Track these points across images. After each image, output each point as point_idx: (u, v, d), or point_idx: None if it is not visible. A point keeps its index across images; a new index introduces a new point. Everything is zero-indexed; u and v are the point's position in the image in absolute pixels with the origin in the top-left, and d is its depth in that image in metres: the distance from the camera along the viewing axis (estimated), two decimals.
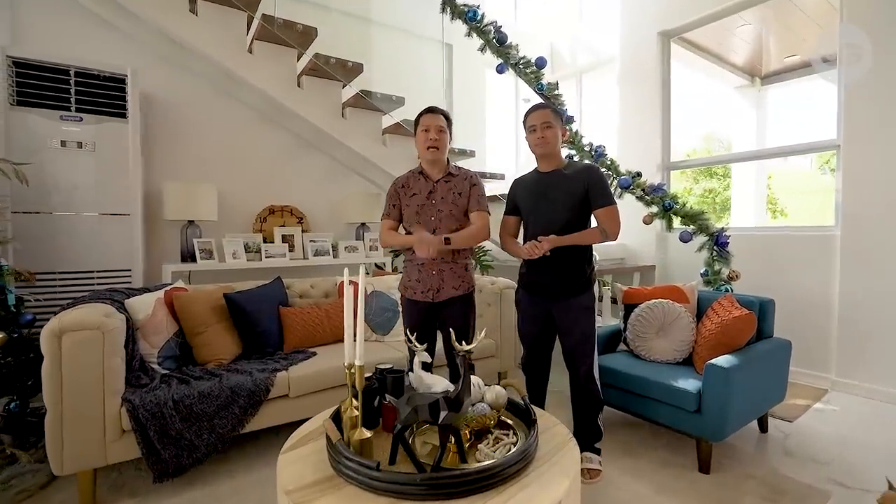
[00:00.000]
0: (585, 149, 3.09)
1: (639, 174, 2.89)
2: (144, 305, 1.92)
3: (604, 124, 4.42)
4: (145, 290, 2.16)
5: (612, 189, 3.02)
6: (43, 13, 2.41)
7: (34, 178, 2.14)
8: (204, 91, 2.82)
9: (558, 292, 1.82)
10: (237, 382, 1.83)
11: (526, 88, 3.11)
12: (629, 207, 3.16)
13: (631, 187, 2.87)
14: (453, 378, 2.00)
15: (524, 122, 1.85)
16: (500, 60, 3.01)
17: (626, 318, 2.33)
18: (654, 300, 2.25)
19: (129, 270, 2.40)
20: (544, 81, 3.08)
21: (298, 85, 2.76)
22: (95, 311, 1.61)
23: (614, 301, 2.66)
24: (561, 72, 4.92)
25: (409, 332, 2.09)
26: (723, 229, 2.59)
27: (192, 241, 2.65)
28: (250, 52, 2.59)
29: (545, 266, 1.80)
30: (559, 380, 2.13)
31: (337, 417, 1.30)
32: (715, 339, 1.96)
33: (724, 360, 1.80)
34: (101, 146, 2.32)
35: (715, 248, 2.56)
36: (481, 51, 2.97)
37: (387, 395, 1.20)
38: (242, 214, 3.03)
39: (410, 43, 4.06)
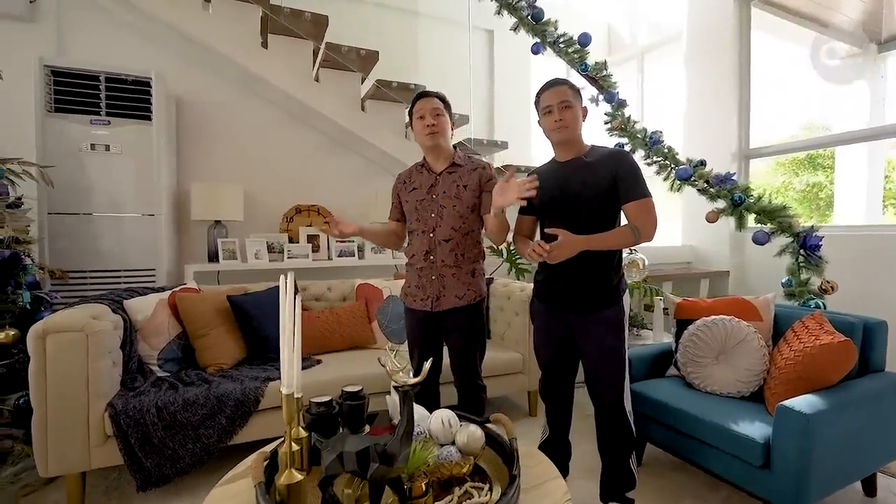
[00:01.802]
0: (638, 136, 2.66)
1: (702, 163, 2.40)
2: (144, 306, 1.90)
3: (670, 110, 3.86)
4: (161, 289, 2.16)
5: (669, 181, 2.60)
6: (82, 23, 2.53)
7: (67, 181, 2.24)
8: (232, 92, 2.82)
9: (579, 304, 1.49)
10: (225, 391, 1.73)
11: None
12: (694, 203, 2.68)
13: (692, 178, 2.40)
14: (461, 401, 1.75)
15: (536, 102, 1.54)
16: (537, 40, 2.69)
17: (678, 336, 1.92)
18: (713, 316, 1.81)
19: (153, 270, 2.44)
20: (589, 61, 2.70)
21: (316, 79, 2.65)
22: (82, 313, 1.59)
23: (668, 313, 2.23)
24: (620, 54, 4.41)
25: (409, 345, 1.92)
26: (812, 228, 2.04)
27: (217, 242, 2.65)
28: (265, 48, 2.53)
29: (564, 273, 1.48)
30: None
31: None
32: (794, 371, 1.50)
33: (804, 403, 1.35)
34: (128, 149, 2.38)
35: (801, 251, 2.02)
36: (514, 30, 2.68)
37: (313, 434, 0.98)
38: (269, 214, 3.00)
39: (446, 31, 3.83)
